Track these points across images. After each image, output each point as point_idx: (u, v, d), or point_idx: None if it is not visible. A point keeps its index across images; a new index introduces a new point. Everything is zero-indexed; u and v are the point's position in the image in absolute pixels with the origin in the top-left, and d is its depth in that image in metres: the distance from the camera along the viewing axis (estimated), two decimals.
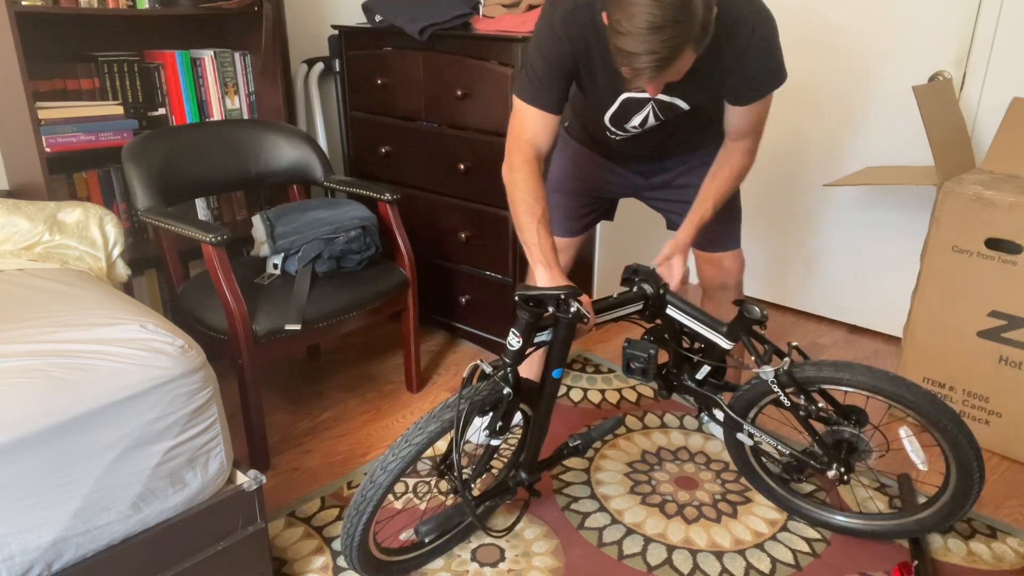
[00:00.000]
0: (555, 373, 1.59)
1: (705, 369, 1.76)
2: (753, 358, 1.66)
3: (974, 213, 2.01)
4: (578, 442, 1.75)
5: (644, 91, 1.61)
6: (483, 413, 1.55)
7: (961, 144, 2.28)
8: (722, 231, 1.92)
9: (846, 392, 1.62)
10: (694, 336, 1.75)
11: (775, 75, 1.60)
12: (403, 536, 1.77)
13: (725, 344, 1.69)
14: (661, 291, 1.70)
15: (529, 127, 1.63)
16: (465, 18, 2.41)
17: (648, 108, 1.67)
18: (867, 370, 1.58)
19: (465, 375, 1.50)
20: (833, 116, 2.79)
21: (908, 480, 1.95)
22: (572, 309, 1.47)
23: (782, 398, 1.65)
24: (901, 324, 2.43)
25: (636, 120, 1.70)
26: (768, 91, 1.61)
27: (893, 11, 2.55)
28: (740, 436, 1.78)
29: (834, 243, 2.92)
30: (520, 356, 1.51)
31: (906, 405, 1.56)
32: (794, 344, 1.66)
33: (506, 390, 1.52)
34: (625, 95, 1.65)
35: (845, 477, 1.67)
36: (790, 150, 2.94)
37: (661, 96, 1.63)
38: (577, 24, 1.55)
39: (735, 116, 1.67)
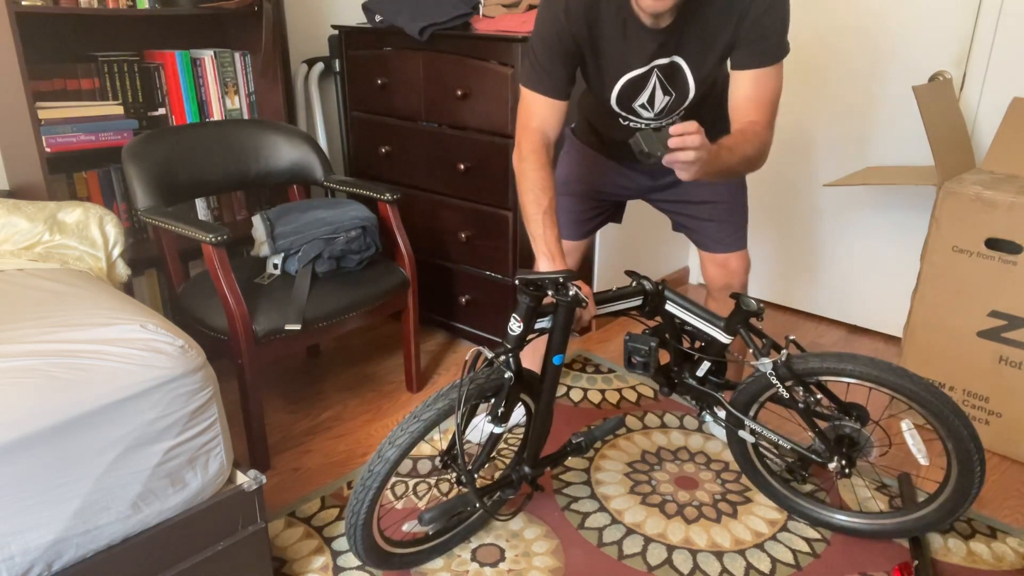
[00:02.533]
0: (556, 359, 1.60)
1: (706, 366, 1.76)
2: (751, 351, 1.67)
3: (974, 213, 2.02)
4: (581, 439, 1.76)
5: (645, 64, 1.59)
6: (486, 399, 1.57)
7: (961, 144, 2.28)
8: (728, 231, 1.92)
9: (848, 385, 1.62)
10: (695, 336, 1.75)
11: (782, 36, 1.55)
12: (406, 527, 1.77)
13: (723, 338, 1.70)
14: (660, 287, 1.71)
15: (536, 114, 1.63)
16: (465, 18, 2.41)
17: (653, 80, 1.63)
18: (870, 360, 1.58)
19: (468, 359, 1.52)
20: (833, 116, 2.79)
21: (908, 479, 1.95)
22: (571, 292, 1.49)
23: (781, 391, 1.65)
24: (901, 324, 2.44)
25: (643, 97, 1.67)
26: (776, 54, 1.56)
27: (893, 11, 2.56)
28: (742, 433, 1.78)
29: (834, 243, 2.93)
30: (521, 341, 1.53)
31: (908, 396, 1.56)
32: (791, 338, 1.66)
33: (507, 374, 1.54)
34: (628, 75, 1.63)
35: (847, 470, 1.67)
36: (790, 150, 2.94)
37: (662, 60, 1.59)
38: (578, 6, 1.55)
39: (741, 87, 1.58)
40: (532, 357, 2.11)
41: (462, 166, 2.45)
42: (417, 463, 2.05)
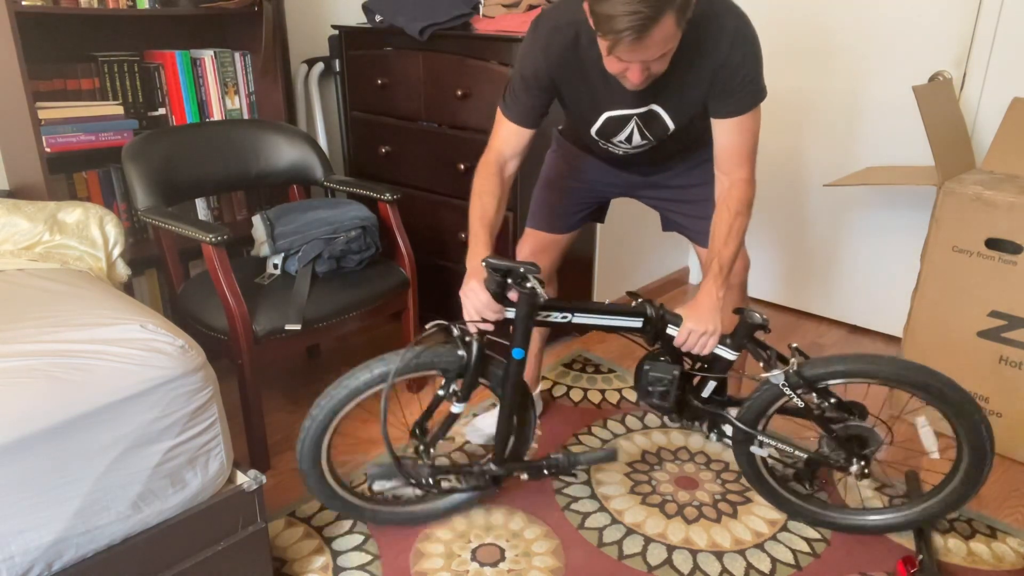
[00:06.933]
0: (515, 352, 1.60)
1: (711, 386, 1.72)
2: (761, 364, 1.65)
3: (974, 213, 2.02)
4: (561, 458, 1.74)
5: (624, 108, 1.63)
6: (447, 377, 1.64)
7: (961, 144, 2.28)
8: None
9: (845, 387, 1.62)
10: (694, 356, 1.70)
11: (757, 84, 1.57)
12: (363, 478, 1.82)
13: (730, 356, 1.67)
14: (660, 312, 1.65)
15: (500, 135, 1.71)
16: (465, 18, 2.41)
17: (631, 125, 1.68)
18: (891, 360, 1.57)
19: (428, 328, 1.60)
20: (833, 116, 2.79)
21: (916, 476, 1.95)
22: (528, 284, 1.53)
23: (795, 400, 1.64)
24: (901, 324, 2.43)
25: (622, 136, 1.71)
26: (753, 100, 1.58)
27: (893, 11, 2.56)
28: (753, 448, 1.76)
29: (834, 243, 2.93)
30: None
31: (930, 394, 1.56)
32: (794, 345, 1.65)
33: (460, 352, 1.60)
34: (607, 114, 1.67)
35: (866, 470, 1.67)
36: (790, 150, 2.94)
37: (640, 109, 1.63)
38: (558, 44, 1.59)
39: (724, 135, 1.61)
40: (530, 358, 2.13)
41: (462, 166, 2.45)
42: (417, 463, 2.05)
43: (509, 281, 1.54)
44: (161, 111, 2.36)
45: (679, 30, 1.38)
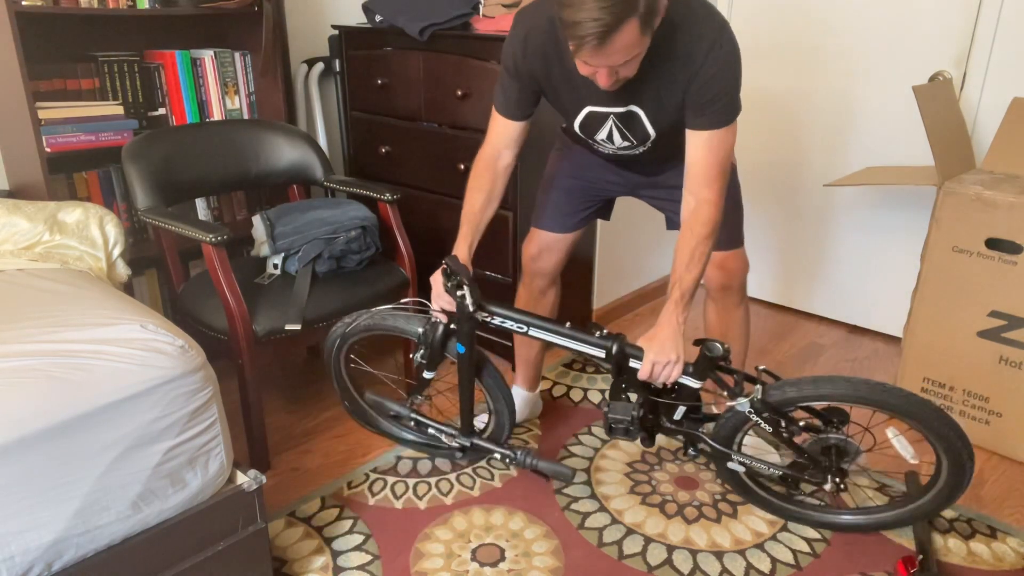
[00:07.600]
0: (458, 347, 1.75)
1: (683, 409, 1.73)
2: (726, 393, 1.65)
3: (974, 213, 2.02)
4: (519, 455, 1.84)
5: (603, 105, 1.64)
6: (417, 346, 1.85)
7: (961, 144, 2.28)
8: (723, 229, 1.91)
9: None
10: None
11: (731, 99, 1.55)
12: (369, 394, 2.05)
13: (695, 384, 1.67)
14: (622, 347, 1.66)
15: (493, 128, 1.77)
16: (465, 18, 2.41)
17: (609, 123, 1.69)
18: (846, 381, 1.58)
19: (402, 301, 1.83)
20: (833, 116, 2.79)
21: (916, 477, 1.95)
22: (459, 293, 1.66)
23: (762, 424, 1.65)
24: (901, 324, 2.44)
25: (602, 133, 1.72)
26: (725, 116, 1.55)
27: (893, 11, 2.56)
28: (731, 465, 1.77)
29: (834, 243, 2.93)
30: (443, 314, 1.75)
31: (891, 410, 1.58)
32: (762, 367, 1.66)
33: (419, 328, 1.81)
34: (588, 109, 1.68)
35: (843, 485, 1.67)
36: (790, 151, 2.94)
37: (618, 108, 1.64)
38: (536, 40, 1.61)
39: (693, 149, 1.59)
40: (526, 349, 2.18)
41: (462, 166, 2.45)
42: (417, 463, 2.06)
43: (449, 284, 1.67)
44: (161, 111, 2.36)
45: (644, 37, 1.38)
